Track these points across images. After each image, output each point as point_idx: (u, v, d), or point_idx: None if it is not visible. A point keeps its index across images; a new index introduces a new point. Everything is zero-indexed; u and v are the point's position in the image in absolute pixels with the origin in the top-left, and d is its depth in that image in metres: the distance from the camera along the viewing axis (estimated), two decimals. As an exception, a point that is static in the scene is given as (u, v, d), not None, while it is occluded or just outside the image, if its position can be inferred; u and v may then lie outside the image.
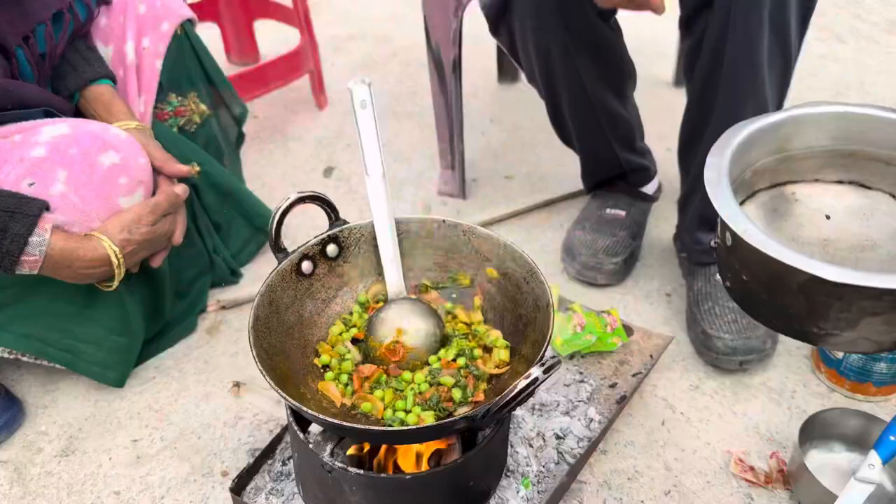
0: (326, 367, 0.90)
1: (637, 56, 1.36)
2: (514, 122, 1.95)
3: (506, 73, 2.11)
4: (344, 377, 0.87)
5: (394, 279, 0.94)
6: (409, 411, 0.82)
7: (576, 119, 1.36)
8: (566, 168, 1.67)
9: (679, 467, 1.09)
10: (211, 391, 1.24)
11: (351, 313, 0.96)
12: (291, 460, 1.05)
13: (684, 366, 1.25)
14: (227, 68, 2.05)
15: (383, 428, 0.76)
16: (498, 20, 1.24)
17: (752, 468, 1.08)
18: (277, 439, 1.07)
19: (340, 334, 0.93)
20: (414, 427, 0.73)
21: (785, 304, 0.62)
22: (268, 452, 1.05)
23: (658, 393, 1.20)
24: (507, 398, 0.69)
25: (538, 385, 0.69)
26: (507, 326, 0.93)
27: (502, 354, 0.89)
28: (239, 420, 1.19)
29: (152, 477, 1.11)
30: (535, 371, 0.69)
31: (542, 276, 0.88)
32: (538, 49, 1.23)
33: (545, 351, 0.79)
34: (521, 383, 0.69)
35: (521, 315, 0.91)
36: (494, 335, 0.92)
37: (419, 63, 2.22)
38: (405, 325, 0.89)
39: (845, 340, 0.61)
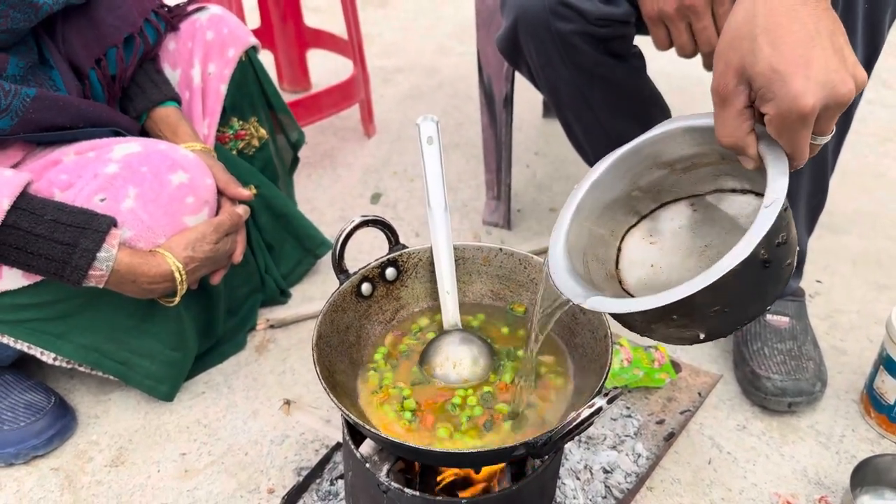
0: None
1: (682, 95, 1.37)
2: (558, 156, 1.97)
3: (551, 108, 2.13)
4: (408, 414, 0.86)
5: (450, 310, 0.96)
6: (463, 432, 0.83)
7: (595, 151, 1.37)
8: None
9: (726, 507, 1.09)
10: (259, 408, 1.26)
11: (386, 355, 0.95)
12: (340, 480, 1.06)
13: (731, 405, 1.24)
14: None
15: (444, 450, 0.77)
16: (514, 57, 1.25)
17: (800, 512, 1.07)
18: (326, 459, 1.09)
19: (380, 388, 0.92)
20: (474, 450, 0.74)
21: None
22: (316, 471, 1.06)
23: (705, 431, 1.19)
24: (570, 426, 0.70)
25: (600, 415, 0.70)
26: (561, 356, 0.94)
27: (557, 383, 0.90)
28: (286, 438, 1.20)
29: (199, 491, 1.12)
30: (599, 401, 0.69)
31: (600, 307, 0.89)
32: (548, 85, 1.23)
33: (604, 381, 0.79)
34: (585, 412, 0.69)
35: (577, 345, 0.92)
36: (548, 361, 0.92)
37: (465, 95, 2.26)
38: (459, 356, 0.90)
39: (659, 337, 0.72)
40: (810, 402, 1.20)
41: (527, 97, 2.12)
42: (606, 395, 0.70)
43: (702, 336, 0.69)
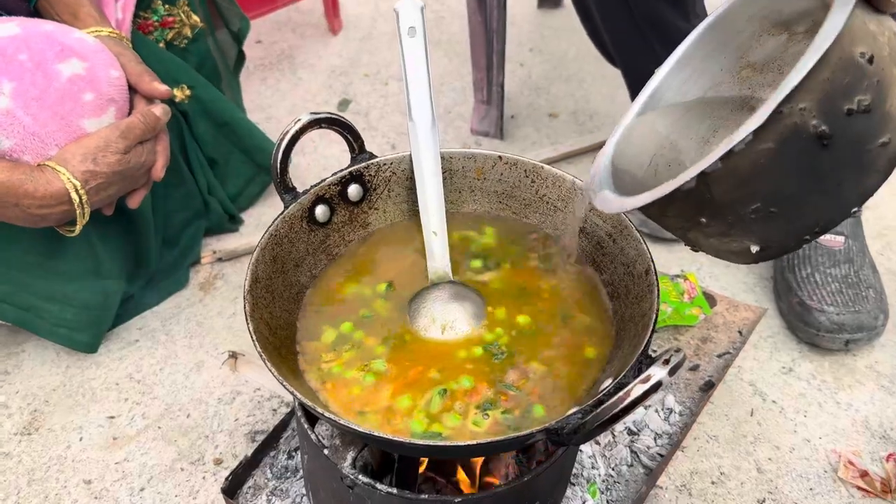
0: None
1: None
2: (557, 53, 1.73)
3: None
4: (371, 377, 0.64)
5: (437, 256, 0.72)
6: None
7: (620, 46, 1.12)
8: (620, 104, 1.44)
9: (774, 469, 0.89)
10: (203, 359, 1.04)
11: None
12: (299, 452, 0.85)
13: (773, 343, 1.04)
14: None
15: (433, 443, 0.54)
16: None
17: (865, 473, 0.88)
18: (282, 424, 0.87)
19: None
20: (474, 443, 0.52)
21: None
22: (270, 442, 0.85)
23: (743, 376, 0.99)
24: (615, 410, 0.48)
25: (659, 391, 0.48)
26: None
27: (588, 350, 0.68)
28: (236, 396, 0.99)
29: (130, 463, 0.92)
30: (658, 372, 0.47)
31: (636, 231, 0.66)
32: None
33: (650, 338, 0.57)
34: (638, 389, 0.47)
35: (605, 283, 0.69)
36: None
37: (447, -17, 1.98)
38: (450, 317, 0.67)
39: (709, 251, 0.55)
40: (871, 338, 1.00)
41: (518, -16, 1.85)
42: (666, 361, 0.48)
43: (754, 249, 0.52)
